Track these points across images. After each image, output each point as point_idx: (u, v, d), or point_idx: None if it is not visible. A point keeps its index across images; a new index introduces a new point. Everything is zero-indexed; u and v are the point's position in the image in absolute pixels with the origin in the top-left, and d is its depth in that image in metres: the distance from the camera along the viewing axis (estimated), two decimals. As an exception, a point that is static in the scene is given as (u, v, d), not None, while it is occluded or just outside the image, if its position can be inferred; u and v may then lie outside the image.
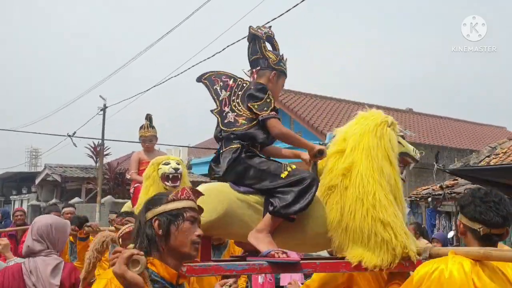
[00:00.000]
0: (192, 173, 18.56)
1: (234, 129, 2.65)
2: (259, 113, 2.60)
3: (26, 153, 43.00)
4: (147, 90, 14.18)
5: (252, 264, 2.35)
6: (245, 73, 2.85)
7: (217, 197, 2.49)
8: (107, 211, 12.99)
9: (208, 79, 2.82)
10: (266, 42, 2.77)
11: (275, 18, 7.86)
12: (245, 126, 2.64)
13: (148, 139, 5.57)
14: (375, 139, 2.52)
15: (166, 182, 4.34)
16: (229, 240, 4.33)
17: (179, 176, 4.45)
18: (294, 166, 2.57)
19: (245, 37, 2.84)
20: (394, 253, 2.35)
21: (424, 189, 11.46)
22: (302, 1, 6.98)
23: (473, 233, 2.05)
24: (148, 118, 5.69)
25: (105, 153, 19.05)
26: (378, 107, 2.74)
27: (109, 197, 16.51)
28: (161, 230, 1.82)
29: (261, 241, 2.43)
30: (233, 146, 2.61)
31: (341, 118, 16.25)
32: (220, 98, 2.77)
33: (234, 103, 2.71)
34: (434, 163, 6.39)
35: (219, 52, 9.84)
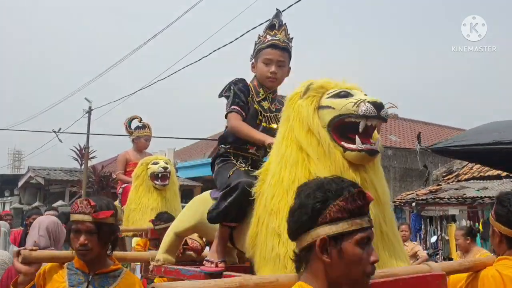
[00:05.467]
0: (178, 176, 18.46)
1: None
2: (226, 112, 2.48)
3: (8, 155, 42.56)
4: (133, 94, 14.24)
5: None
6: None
7: (195, 205, 2.65)
8: (91, 214, 12.82)
9: None
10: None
11: (262, 23, 7.91)
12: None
13: (147, 138, 5.94)
14: (282, 128, 2.03)
15: (155, 181, 4.49)
16: None
17: (168, 175, 4.60)
18: (242, 168, 2.39)
19: (231, 42, 2.81)
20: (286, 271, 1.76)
21: (409, 194, 11.60)
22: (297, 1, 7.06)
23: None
24: (141, 120, 6.02)
25: (90, 156, 18.91)
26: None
27: (93, 200, 16.28)
28: None
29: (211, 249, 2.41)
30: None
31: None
32: None
33: None
34: (417, 143, 6.50)
35: (206, 56, 9.93)
